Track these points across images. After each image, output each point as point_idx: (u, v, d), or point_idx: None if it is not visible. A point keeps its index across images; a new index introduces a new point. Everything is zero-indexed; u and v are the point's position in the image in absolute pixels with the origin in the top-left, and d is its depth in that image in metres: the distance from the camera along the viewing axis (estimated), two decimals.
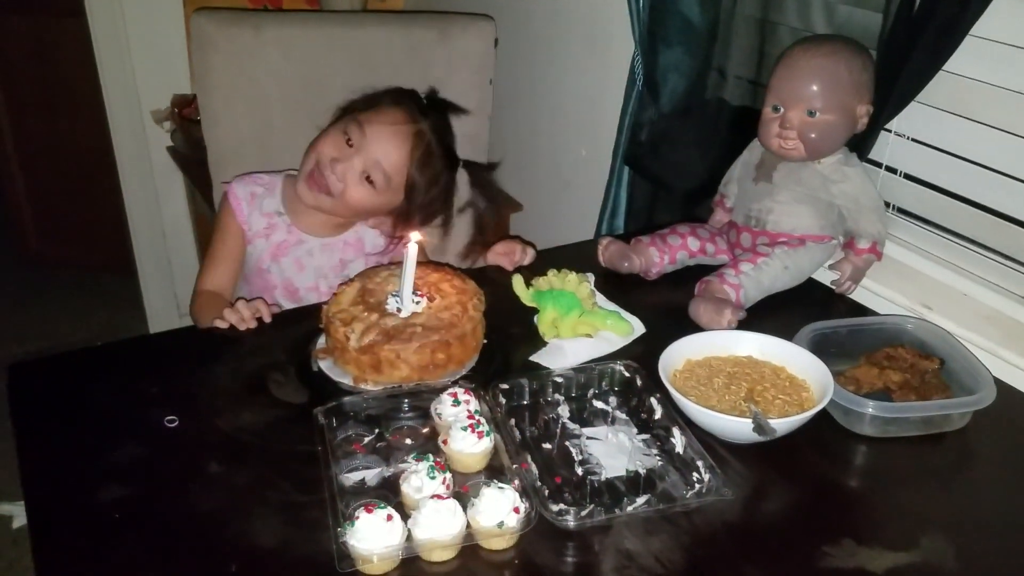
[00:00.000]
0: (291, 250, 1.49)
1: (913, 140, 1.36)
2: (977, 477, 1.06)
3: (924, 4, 1.21)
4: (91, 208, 3.10)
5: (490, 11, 1.91)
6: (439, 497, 0.87)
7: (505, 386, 1.08)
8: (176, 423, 1.03)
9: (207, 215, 2.26)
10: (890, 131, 1.37)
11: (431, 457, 0.93)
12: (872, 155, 1.39)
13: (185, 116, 2.42)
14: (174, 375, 1.14)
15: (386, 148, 1.39)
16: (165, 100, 2.53)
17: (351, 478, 0.95)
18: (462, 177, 1.54)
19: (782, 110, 1.28)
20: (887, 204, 1.40)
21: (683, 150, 1.60)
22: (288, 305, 1.47)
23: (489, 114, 1.84)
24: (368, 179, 1.40)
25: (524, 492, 0.90)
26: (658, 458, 1.01)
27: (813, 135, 1.27)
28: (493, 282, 1.28)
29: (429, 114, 1.45)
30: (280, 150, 1.67)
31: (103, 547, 0.88)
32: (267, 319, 1.25)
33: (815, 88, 1.25)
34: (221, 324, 1.23)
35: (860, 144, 1.35)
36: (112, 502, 0.92)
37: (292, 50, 1.71)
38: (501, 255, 1.44)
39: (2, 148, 3.12)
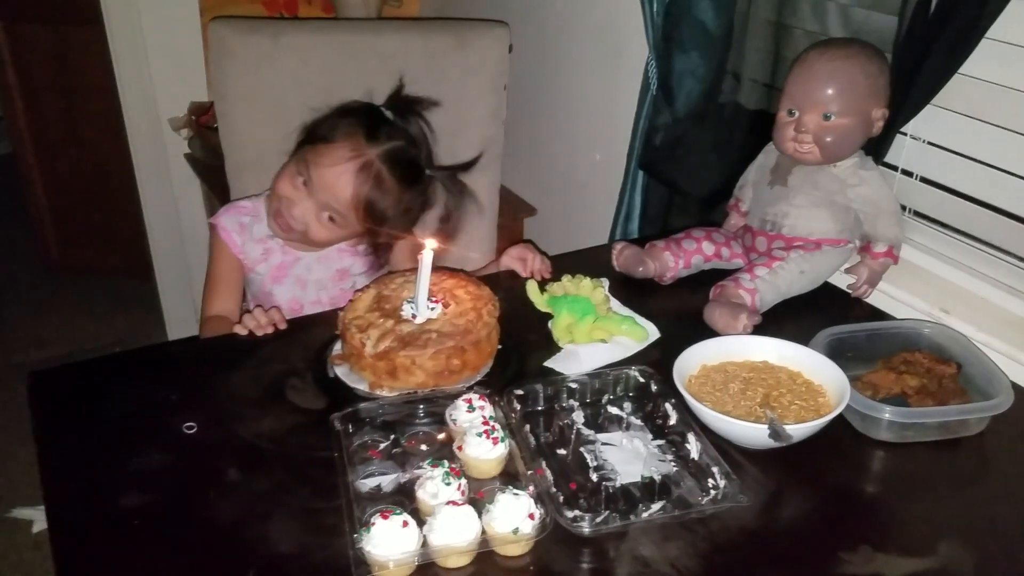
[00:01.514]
0: (290, 270, 1.51)
1: (929, 143, 1.36)
2: (995, 483, 1.05)
3: (940, 7, 1.20)
4: (110, 215, 3.13)
5: (505, 17, 1.92)
6: (454, 503, 0.87)
7: (520, 392, 1.09)
8: (195, 430, 1.04)
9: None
10: (906, 134, 1.36)
11: (446, 463, 0.93)
12: (888, 158, 1.38)
13: (203, 123, 2.44)
14: (193, 382, 1.15)
15: (333, 191, 1.37)
16: (183, 108, 2.55)
17: (367, 484, 0.96)
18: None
19: (797, 114, 1.28)
20: (903, 207, 1.39)
21: (698, 154, 1.60)
22: None
23: (504, 119, 1.85)
24: (329, 218, 1.40)
25: (539, 498, 0.90)
26: (673, 464, 1.01)
27: (829, 139, 1.26)
28: (508, 288, 1.28)
29: (380, 135, 1.40)
30: None
31: (122, 553, 0.89)
32: (282, 326, 1.26)
33: (831, 92, 1.25)
34: (240, 331, 1.24)
35: (876, 147, 1.34)
36: (131, 508, 0.93)
37: (308, 58, 1.72)
38: (515, 259, 1.43)
39: (23, 156, 3.16)
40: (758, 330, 1.21)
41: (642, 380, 1.12)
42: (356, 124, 1.41)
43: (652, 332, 1.25)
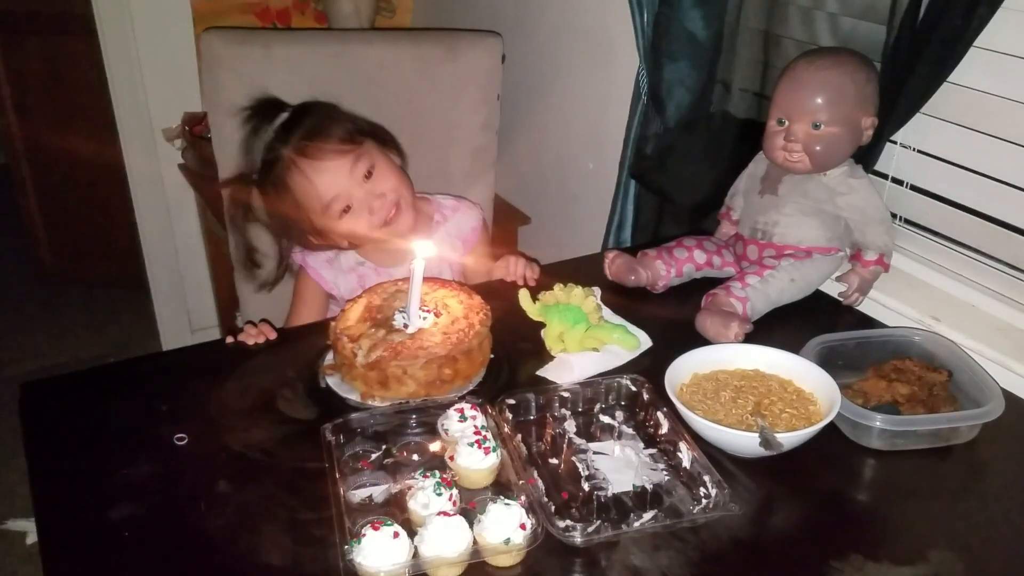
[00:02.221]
0: None
1: (919, 152, 1.36)
2: (986, 490, 1.05)
3: (928, 16, 1.21)
4: (104, 225, 3.13)
5: (497, 27, 1.92)
6: (445, 514, 0.87)
7: (512, 401, 1.09)
8: (185, 441, 1.04)
9: (218, 231, 2.28)
10: (896, 143, 1.37)
11: (438, 473, 0.93)
12: (878, 167, 1.39)
13: (196, 134, 2.44)
14: (184, 392, 1.15)
15: (340, 176, 1.40)
16: (176, 118, 2.55)
17: (358, 495, 0.96)
18: None
19: (787, 123, 1.28)
20: (894, 215, 1.40)
21: (689, 163, 1.60)
22: None
23: (497, 129, 1.85)
24: (366, 175, 1.41)
25: (531, 508, 0.90)
26: (665, 473, 1.01)
27: (818, 148, 1.27)
28: (499, 297, 1.28)
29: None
30: None
31: (112, 564, 0.89)
32: (272, 336, 1.26)
33: (819, 101, 1.25)
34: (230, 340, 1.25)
35: (866, 156, 1.34)
36: (122, 520, 0.93)
37: (301, 68, 1.72)
38: (500, 267, 1.45)
39: (16, 166, 3.16)
40: (749, 338, 1.21)
41: (634, 389, 1.12)
42: (284, 175, 1.43)
43: (644, 340, 1.25)
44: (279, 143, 1.44)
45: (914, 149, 1.37)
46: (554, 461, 1.03)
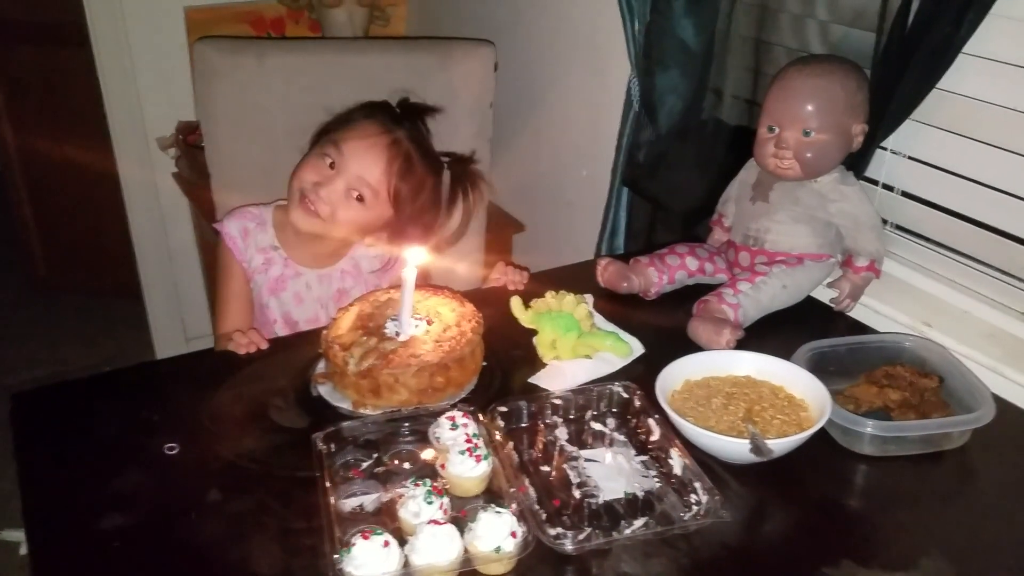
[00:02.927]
0: (289, 284, 1.50)
1: (909, 158, 1.37)
2: (977, 495, 1.05)
3: (917, 24, 1.22)
4: (98, 234, 3.13)
5: (490, 36, 1.93)
6: (436, 522, 0.87)
7: (504, 409, 1.09)
8: (176, 450, 1.04)
9: (212, 240, 2.28)
10: (886, 149, 1.38)
11: (428, 482, 0.93)
12: (869, 173, 1.39)
13: (190, 143, 2.44)
14: (175, 402, 1.15)
15: (365, 162, 1.39)
16: (170, 127, 2.55)
17: (349, 504, 0.96)
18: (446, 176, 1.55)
19: (777, 130, 1.29)
20: (885, 221, 1.40)
21: (681, 171, 1.61)
22: None
23: (490, 137, 1.86)
24: (357, 197, 1.40)
25: (522, 516, 0.90)
26: (656, 480, 1.01)
27: (809, 154, 1.27)
28: (492, 304, 1.28)
29: (403, 122, 1.47)
30: (283, 176, 1.67)
31: (103, 575, 0.88)
32: (263, 346, 1.26)
33: (810, 108, 1.26)
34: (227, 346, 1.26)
35: (856, 162, 1.35)
36: (112, 530, 0.93)
37: (294, 77, 1.73)
38: (495, 280, 1.45)
39: (11, 176, 3.16)
40: (741, 345, 1.22)
41: (625, 396, 1.12)
42: (382, 110, 1.48)
43: (636, 347, 1.25)
44: (404, 126, 1.46)
45: (904, 155, 1.37)
46: (545, 469, 1.03)
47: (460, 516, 0.92)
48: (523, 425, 1.10)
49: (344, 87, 1.72)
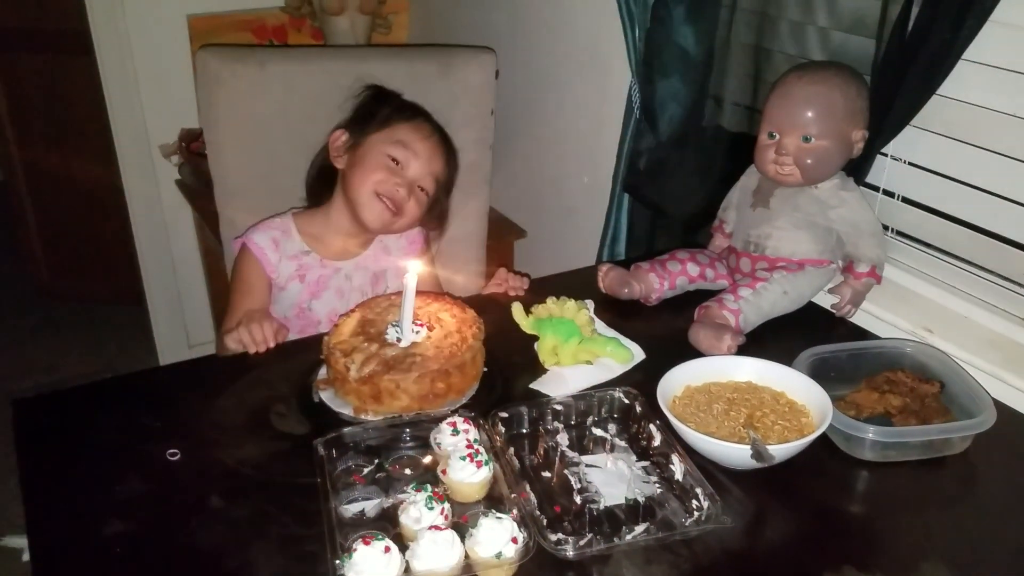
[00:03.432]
0: (330, 282, 1.52)
1: (910, 164, 1.37)
2: (979, 501, 1.05)
3: (916, 30, 1.22)
4: (101, 242, 3.14)
5: (491, 43, 1.94)
6: (437, 528, 0.87)
7: (505, 414, 1.09)
8: (178, 456, 1.04)
9: (215, 247, 2.28)
10: (887, 155, 1.38)
11: (429, 487, 0.93)
12: (870, 179, 1.39)
13: (193, 150, 2.45)
14: (177, 408, 1.15)
15: (433, 159, 1.50)
16: (173, 134, 2.56)
17: (350, 510, 0.96)
18: None
19: (777, 136, 1.29)
20: (885, 227, 1.40)
21: (681, 177, 1.61)
22: None
23: (491, 144, 1.86)
24: (420, 189, 1.49)
25: (523, 522, 0.90)
26: (657, 485, 1.01)
27: (809, 161, 1.28)
28: (493, 310, 1.28)
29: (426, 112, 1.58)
30: (285, 183, 1.69)
31: None
32: (281, 339, 1.29)
33: (810, 115, 1.26)
34: (234, 344, 1.26)
35: (857, 169, 1.35)
36: (114, 537, 0.93)
37: (296, 85, 1.74)
38: (496, 286, 1.46)
39: (14, 183, 3.17)
40: (742, 350, 1.22)
41: (627, 401, 1.12)
42: (408, 104, 1.59)
43: (637, 353, 1.25)
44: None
45: (905, 161, 1.38)
46: (546, 474, 1.03)
47: (461, 522, 0.92)
48: (524, 431, 1.10)
49: (345, 94, 1.73)
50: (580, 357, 1.23)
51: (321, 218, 1.54)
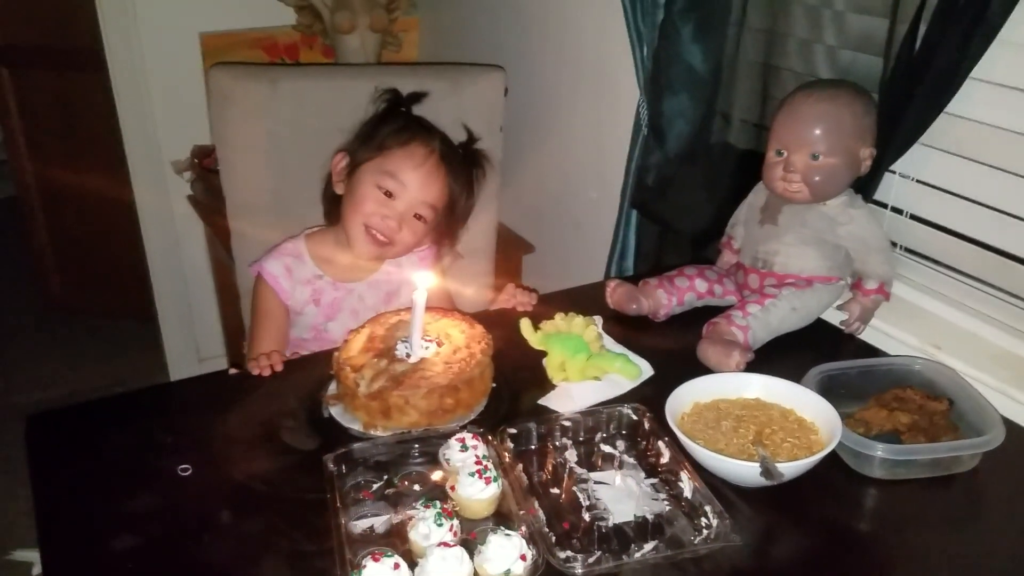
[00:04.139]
0: (343, 303, 1.52)
1: (918, 181, 1.37)
2: (989, 519, 1.05)
3: (924, 48, 1.22)
4: (113, 256, 3.16)
5: (500, 61, 1.95)
6: (446, 544, 0.87)
7: (513, 430, 1.09)
8: (189, 471, 1.05)
9: (226, 262, 2.30)
10: (895, 173, 1.38)
11: (438, 504, 0.93)
12: (878, 196, 1.40)
13: (205, 166, 2.47)
14: (188, 423, 1.16)
15: (426, 187, 1.45)
16: (185, 151, 2.58)
17: (359, 525, 0.96)
18: None
19: (785, 154, 1.30)
20: (894, 244, 1.40)
21: (689, 193, 1.62)
22: None
23: (500, 160, 1.87)
24: (416, 216, 1.45)
25: (531, 539, 0.90)
26: (666, 503, 1.01)
27: (817, 178, 1.28)
28: (501, 326, 1.29)
29: (429, 126, 1.52)
30: (296, 199, 1.70)
31: None
32: (279, 369, 1.27)
33: (818, 132, 1.27)
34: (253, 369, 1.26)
35: (865, 186, 1.36)
36: (125, 551, 0.93)
37: (308, 102, 1.75)
38: (504, 301, 1.46)
39: (26, 198, 3.20)
40: (750, 367, 1.22)
41: (635, 418, 1.13)
42: (409, 123, 1.51)
43: (645, 369, 1.26)
44: (439, 135, 1.51)
45: (913, 179, 1.38)
46: (555, 491, 1.03)
47: (470, 538, 0.92)
48: (532, 447, 1.10)
49: (355, 112, 1.74)
50: (588, 373, 1.23)
51: (332, 239, 1.54)
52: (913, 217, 1.40)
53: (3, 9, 2.92)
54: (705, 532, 0.95)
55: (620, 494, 1.03)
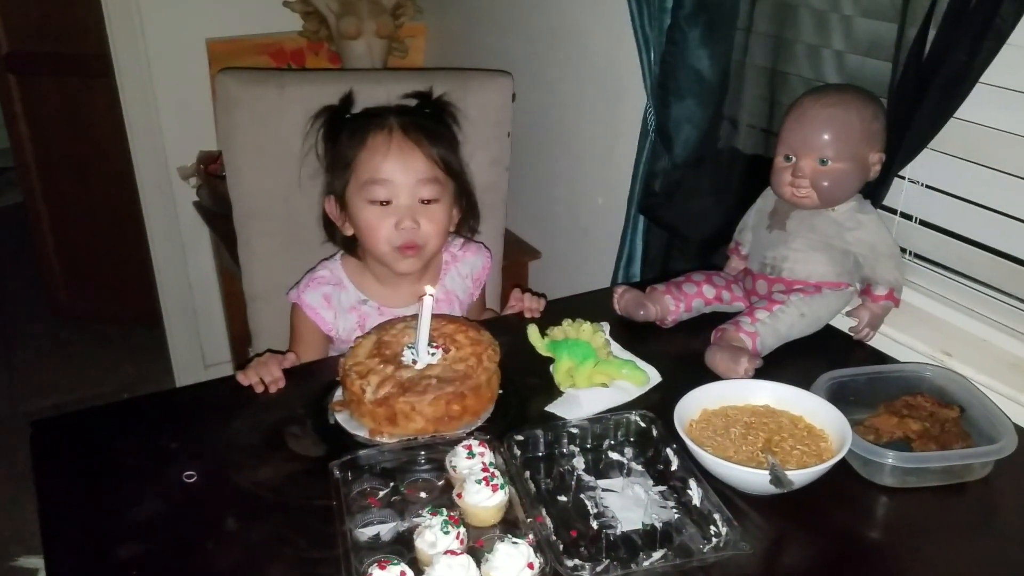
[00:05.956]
0: None
1: (927, 187, 1.37)
2: (1000, 527, 1.03)
3: (933, 53, 1.22)
4: (119, 262, 3.17)
5: (507, 67, 1.95)
6: (452, 552, 0.87)
7: (520, 437, 1.08)
8: (194, 478, 1.04)
9: (232, 268, 2.30)
10: (904, 178, 1.37)
11: (445, 511, 0.92)
12: (887, 201, 1.39)
13: (211, 172, 2.47)
14: (193, 430, 1.16)
15: (408, 167, 1.36)
16: (191, 157, 2.59)
17: (366, 533, 0.95)
18: None
19: (794, 159, 1.29)
20: (903, 250, 1.40)
21: (697, 199, 1.61)
22: None
23: (507, 165, 1.87)
24: (423, 201, 1.38)
25: (539, 547, 0.90)
26: (675, 511, 1.00)
27: (826, 183, 1.27)
28: (508, 332, 1.28)
29: (377, 109, 1.45)
30: (302, 206, 1.70)
31: None
32: (281, 385, 1.24)
33: (826, 137, 1.26)
34: (244, 380, 1.24)
35: (874, 191, 1.35)
36: (130, 559, 0.93)
37: (314, 107, 1.74)
38: (512, 307, 1.45)
39: (33, 204, 3.21)
40: (759, 374, 1.21)
41: (643, 425, 1.12)
42: (355, 121, 1.44)
43: (653, 376, 1.25)
44: (390, 111, 1.42)
45: (922, 184, 1.37)
46: (562, 498, 1.02)
47: (477, 546, 0.91)
48: (540, 454, 1.09)
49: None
50: (596, 379, 1.22)
51: (368, 270, 1.47)
52: (923, 223, 1.39)
53: (10, 16, 2.94)
54: (714, 540, 0.94)
55: (628, 502, 1.02)
